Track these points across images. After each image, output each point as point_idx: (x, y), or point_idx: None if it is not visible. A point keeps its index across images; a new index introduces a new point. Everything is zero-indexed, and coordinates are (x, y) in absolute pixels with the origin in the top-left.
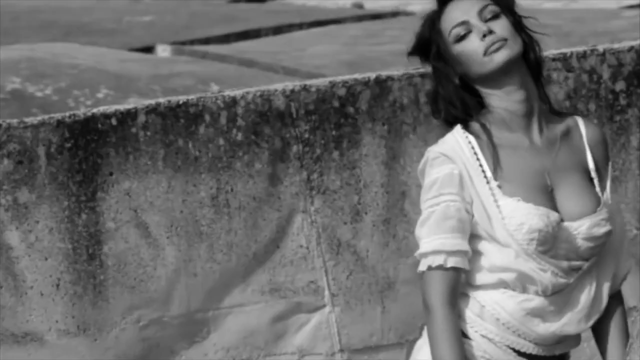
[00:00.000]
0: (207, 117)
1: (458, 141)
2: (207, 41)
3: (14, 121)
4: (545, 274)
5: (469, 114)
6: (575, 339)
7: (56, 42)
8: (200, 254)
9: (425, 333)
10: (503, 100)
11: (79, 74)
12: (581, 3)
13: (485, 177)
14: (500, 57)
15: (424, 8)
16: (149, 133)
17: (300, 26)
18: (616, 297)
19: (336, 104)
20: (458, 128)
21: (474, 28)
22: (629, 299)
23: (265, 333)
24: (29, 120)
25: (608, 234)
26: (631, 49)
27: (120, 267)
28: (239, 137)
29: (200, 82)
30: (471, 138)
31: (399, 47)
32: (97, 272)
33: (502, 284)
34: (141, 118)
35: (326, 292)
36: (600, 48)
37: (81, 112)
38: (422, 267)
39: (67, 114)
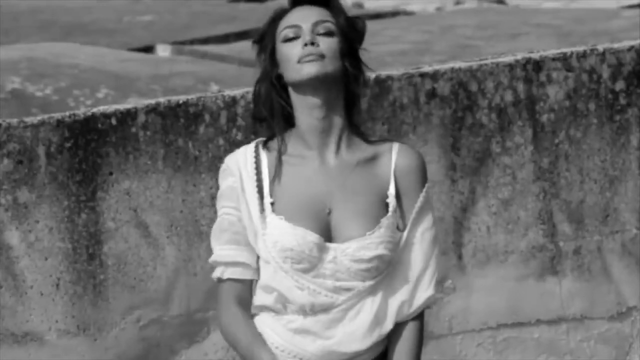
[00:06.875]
0: (207, 117)
1: (245, 154)
2: (207, 41)
3: (14, 121)
4: (302, 292)
5: (274, 117)
6: (368, 354)
7: (56, 42)
8: (200, 254)
9: None
10: (304, 114)
11: (79, 74)
12: (581, 3)
13: (260, 192)
14: (309, 69)
15: (424, 8)
16: (148, 133)
17: None
18: (413, 325)
19: None
20: (254, 142)
21: (302, 34)
22: (629, 299)
23: None
24: (29, 120)
25: (379, 257)
26: (631, 48)
27: (120, 267)
28: (239, 137)
29: (200, 82)
30: (262, 152)
31: (399, 47)
32: (97, 272)
33: (266, 308)
34: (141, 118)
35: None
36: (600, 48)
37: (81, 112)
38: (213, 277)
39: (67, 113)
